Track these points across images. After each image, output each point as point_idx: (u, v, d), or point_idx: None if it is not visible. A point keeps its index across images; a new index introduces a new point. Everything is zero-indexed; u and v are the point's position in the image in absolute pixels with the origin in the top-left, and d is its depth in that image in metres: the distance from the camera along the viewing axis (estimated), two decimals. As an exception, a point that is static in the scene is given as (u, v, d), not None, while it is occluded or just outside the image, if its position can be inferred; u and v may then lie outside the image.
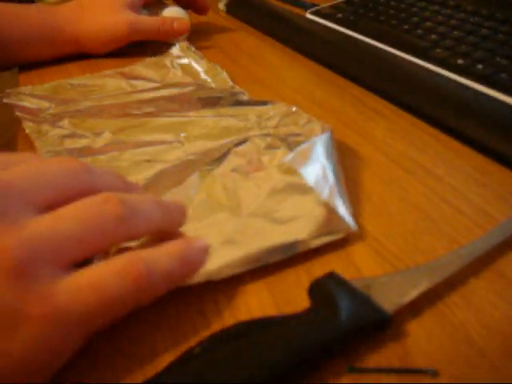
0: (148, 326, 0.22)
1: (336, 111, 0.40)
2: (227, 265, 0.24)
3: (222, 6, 0.68)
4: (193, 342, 0.21)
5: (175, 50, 0.51)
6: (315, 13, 0.59)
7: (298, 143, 0.32)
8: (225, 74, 0.46)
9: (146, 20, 0.52)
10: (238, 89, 0.43)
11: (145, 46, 0.53)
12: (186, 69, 0.48)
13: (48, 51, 0.51)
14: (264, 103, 0.39)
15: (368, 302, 0.21)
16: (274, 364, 0.19)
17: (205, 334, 0.22)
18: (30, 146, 0.37)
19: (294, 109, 0.37)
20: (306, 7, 0.62)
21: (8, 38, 0.48)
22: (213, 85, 0.44)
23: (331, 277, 0.23)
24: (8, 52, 0.49)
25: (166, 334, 0.22)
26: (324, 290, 0.22)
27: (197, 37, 0.56)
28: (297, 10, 0.62)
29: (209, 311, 0.23)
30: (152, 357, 0.21)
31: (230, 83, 0.44)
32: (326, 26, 0.55)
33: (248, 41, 0.57)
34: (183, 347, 0.21)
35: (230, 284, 0.24)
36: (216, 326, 0.22)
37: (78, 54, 0.52)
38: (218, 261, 0.24)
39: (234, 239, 0.26)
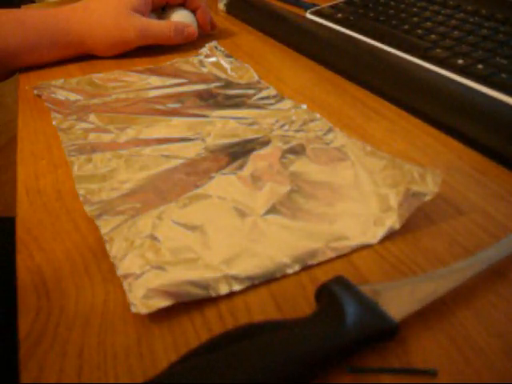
0: (148, 325, 0.22)
1: (336, 111, 0.40)
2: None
3: (221, 5, 0.68)
4: (193, 341, 0.21)
5: (204, 50, 0.52)
6: (315, 13, 0.59)
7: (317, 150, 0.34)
8: (251, 70, 0.47)
9: (156, 26, 0.51)
10: (264, 84, 0.45)
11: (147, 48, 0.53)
12: (215, 66, 0.49)
13: (51, 54, 0.51)
14: (288, 105, 0.41)
15: (375, 309, 0.21)
16: (275, 369, 0.19)
17: (205, 333, 0.22)
18: (30, 147, 0.37)
19: (317, 115, 0.38)
20: (306, 7, 0.62)
21: (10, 42, 0.48)
22: (240, 81, 0.46)
23: (339, 281, 0.22)
24: (11, 56, 0.49)
25: (166, 333, 0.22)
26: (331, 294, 0.21)
27: (201, 37, 0.56)
28: (297, 10, 0.62)
29: (209, 311, 0.23)
30: (152, 356, 0.21)
31: (256, 78, 0.46)
32: (325, 26, 0.55)
33: (248, 41, 0.57)
34: (183, 347, 0.21)
35: (230, 284, 0.24)
36: (216, 326, 0.22)
37: (79, 55, 0.52)
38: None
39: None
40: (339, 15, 0.56)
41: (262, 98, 0.42)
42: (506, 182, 0.31)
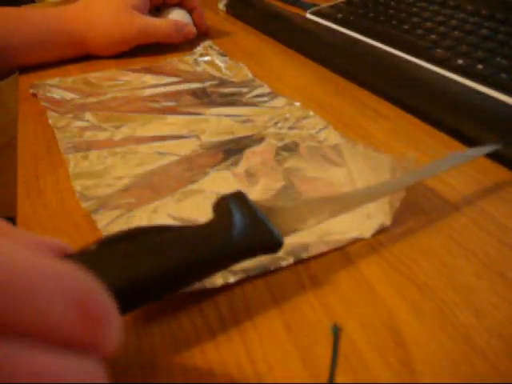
0: (147, 323, 0.22)
1: (336, 111, 0.40)
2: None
3: (221, 6, 0.68)
4: (192, 340, 0.21)
5: (198, 49, 0.52)
6: (315, 13, 0.59)
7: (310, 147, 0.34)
8: (246, 69, 0.47)
9: (156, 23, 0.52)
10: (258, 82, 0.45)
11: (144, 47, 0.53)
12: (209, 65, 0.49)
13: (52, 54, 0.51)
14: (282, 103, 0.41)
15: (263, 223, 0.22)
16: (158, 267, 0.19)
17: (204, 332, 0.22)
18: (30, 147, 0.37)
19: (311, 113, 0.38)
20: (306, 7, 0.62)
21: (12, 41, 0.48)
22: (234, 79, 0.46)
23: (237, 195, 0.23)
24: (12, 55, 0.49)
25: (166, 331, 0.22)
26: (225, 206, 0.23)
27: (197, 37, 0.56)
28: (297, 10, 0.62)
29: (208, 309, 0.23)
30: (151, 355, 0.21)
31: (250, 76, 0.46)
32: (326, 26, 0.55)
33: (248, 41, 0.57)
34: (182, 345, 0.21)
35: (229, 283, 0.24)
36: (215, 325, 0.22)
37: (80, 56, 0.52)
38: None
39: None
40: (339, 15, 0.56)
41: (256, 96, 0.42)
42: (506, 182, 0.31)
